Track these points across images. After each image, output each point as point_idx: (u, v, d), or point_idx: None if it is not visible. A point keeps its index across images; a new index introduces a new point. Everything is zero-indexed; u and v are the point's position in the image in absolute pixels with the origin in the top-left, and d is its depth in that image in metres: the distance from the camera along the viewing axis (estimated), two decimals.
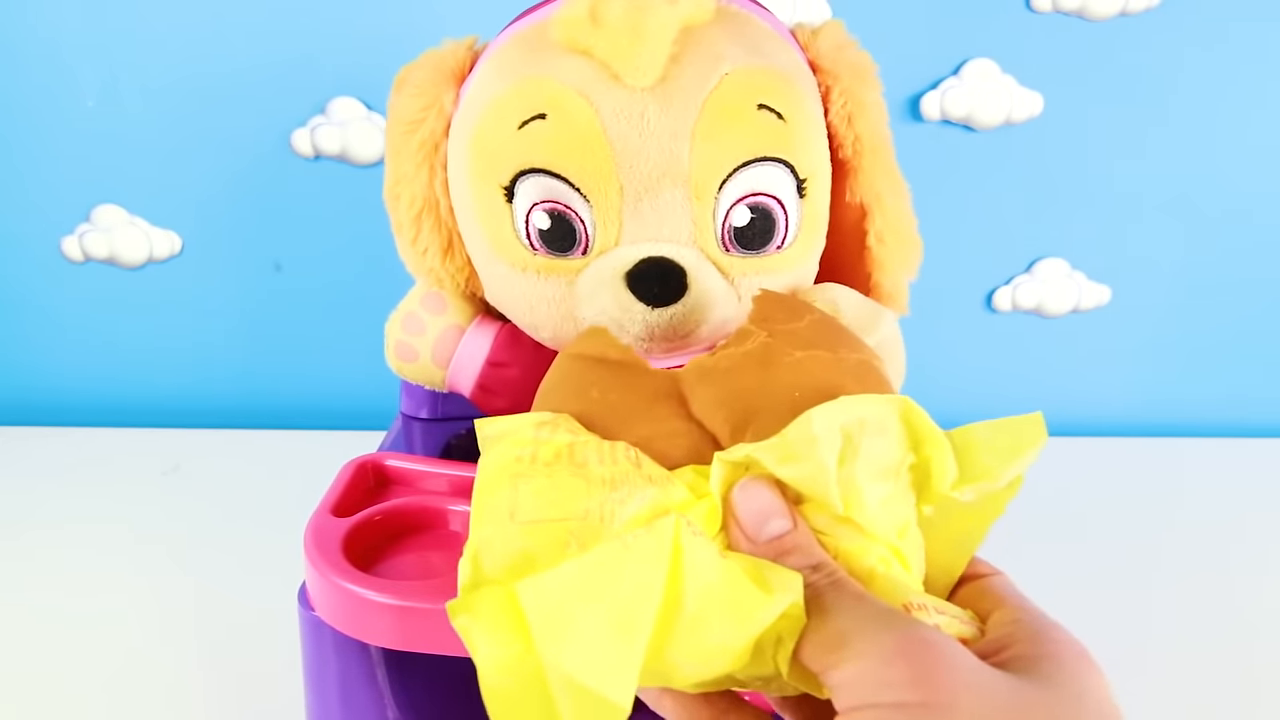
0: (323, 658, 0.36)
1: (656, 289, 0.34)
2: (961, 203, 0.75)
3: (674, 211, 0.34)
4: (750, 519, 0.25)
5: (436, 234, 0.39)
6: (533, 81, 0.34)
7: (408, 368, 0.41)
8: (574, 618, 0.22)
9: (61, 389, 0.80)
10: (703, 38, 0.34)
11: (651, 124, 0.33)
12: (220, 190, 0.74)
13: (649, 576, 0.23)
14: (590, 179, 0.34)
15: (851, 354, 0.28)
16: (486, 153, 0.35)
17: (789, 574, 0.23)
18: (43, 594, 0.56)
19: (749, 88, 0.34)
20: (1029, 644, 0.23)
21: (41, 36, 0.69)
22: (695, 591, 0.23)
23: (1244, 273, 0.77)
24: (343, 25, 0.69)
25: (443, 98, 0.38)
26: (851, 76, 0.38)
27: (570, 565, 0.23)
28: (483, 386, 0.40)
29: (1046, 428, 0.26)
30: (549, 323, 0.37)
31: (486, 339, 0.40)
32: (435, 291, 0.41)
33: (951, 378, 0.79)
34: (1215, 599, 0.57)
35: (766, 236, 0.35)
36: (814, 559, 0.24)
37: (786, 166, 0.35)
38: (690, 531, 0.24)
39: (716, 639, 0.23)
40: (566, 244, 0.35)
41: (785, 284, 0.37)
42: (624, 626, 0.22)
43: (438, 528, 0.36)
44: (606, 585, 0.23)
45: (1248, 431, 0.79)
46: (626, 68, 0.33)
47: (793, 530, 0.25)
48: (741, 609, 0.23)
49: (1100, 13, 0.69)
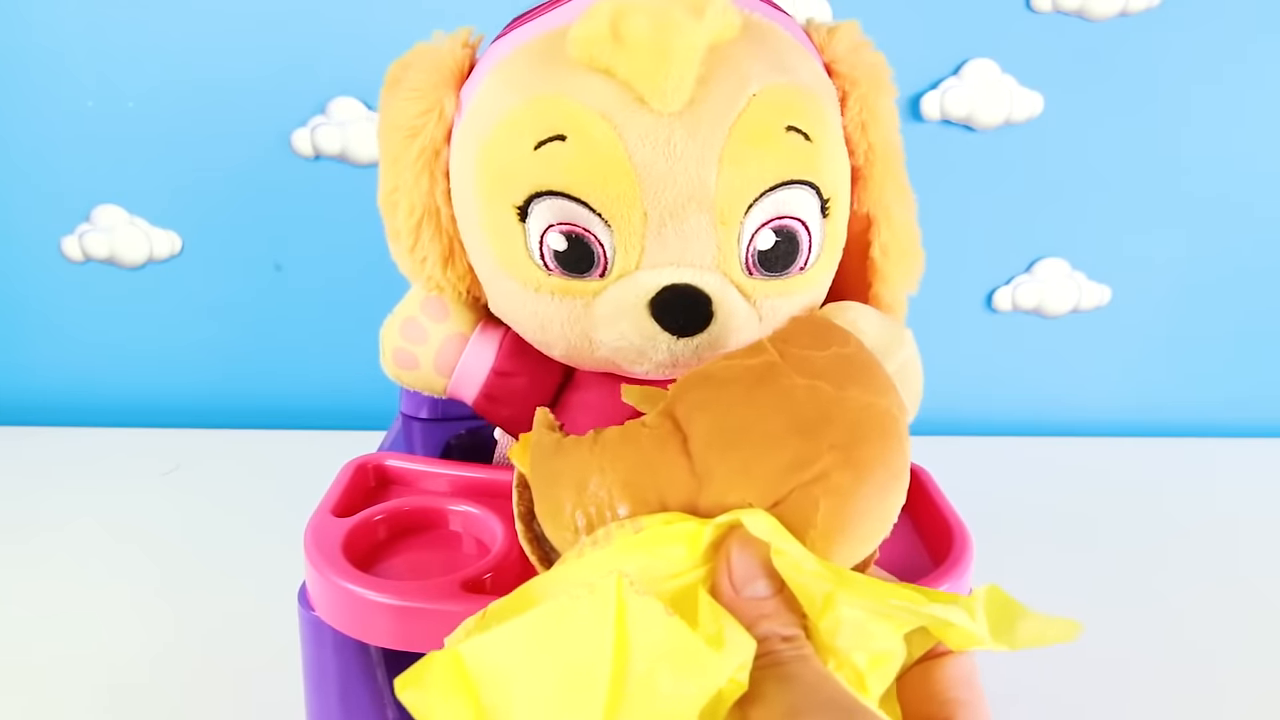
0: (322, 658, 0.36)
1: (682, 319, 0.33)
2: (962, 203, 0.75)
3: (699, 237, 0.33)
4: (742, 571, 0.25)
5: (436, 242, 0.37)
6: (550, 100, 0.33)
7: (406, 375, 0.40)
8: (524, 681, 0.22)
9: (61, 389, 0.80)
10: (729, 56, 0.33)
11: (678, 150, 0.32)
12: (220, 190, 0.74)
13: (595, 640, 0.22)
14: (613, 204, 0.32)
15: (864, 396, 0.27)
16: (498, 171, 0.34)
17: (745, 638, 0.23)
18: (42, 594, 0.56)
19: (776, 109, 0.33)
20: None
21: (41, 36, 0.69)
22: (641, 650, 0.22)
23: (1244, 273, 0.77)
24: (343, 25, 0.69)
25: (443, 102, 0.36)
26: (869, 82, 0.36)
27: (513, 624, 0.22)
28: (488, 395, 0.39)
29: (1079, 633, 0.25)
30: (562, 342, 0.36)
31: (491, 348, 0.39)
32: (436, 297, 0.39)
33: (951, 378, 0.79)
34: (1215, 599, 0.56)
35: (790, 259, 0.34)
36: (789, 630, 0.24)
37: (812, 188, 0.34)
38: (633, 591, 0.23)
39: (667, 698, 0.22)
40: (584, 266, 0.34)
41: (803, 303, 0.36)
42: (577, 691, 0.22)
43: (438, 528, 0.36)
44: (553, 643, 0.22)
45: (1248, 431, 0.80)
46: (653, 91, 0.31)
47: (777, 595, 0.25)
48: (690, 665, 0.22)
49: (1100, 13, 0.69)
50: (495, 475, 0.38)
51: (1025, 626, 0.25)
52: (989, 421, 0.80)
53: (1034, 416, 0.81)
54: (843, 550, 0.26)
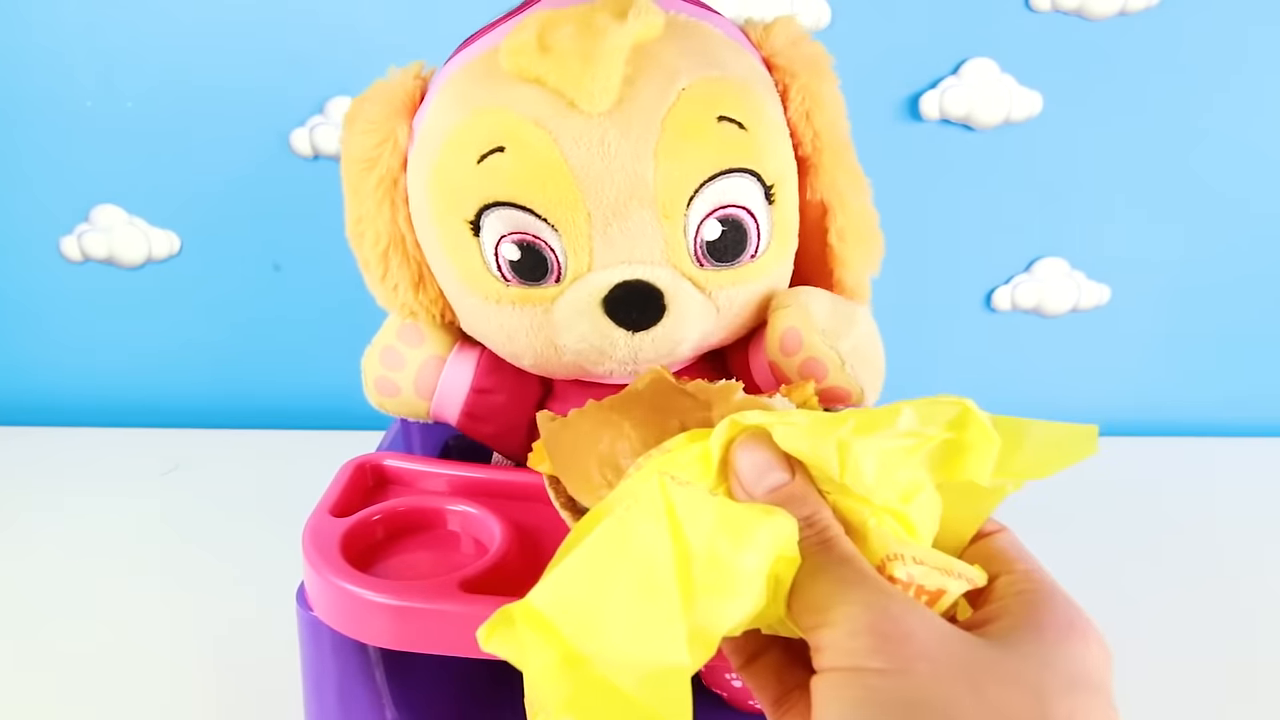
0: (321, 658, 0.36)
1: (635, 314, 0.34)
2: (961, 202, 0.75)
3: (644, 233, 0.34)
4: (749, 473, 0.26)
5: (405, 268, 0.39)
6: (488, 113, 0.34)
7: (390, 402, 0.41)
8: (598, 603, 0.22)
9: (61, 389, 0.80)
10: (655, 54, 0.34)
11: (613, 148, 0.33)
12: (219, 190, 0.74)
13: (653, 537, 0.23)
14: (556, 209, 0.33)
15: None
16: (448, 188, 0.35)
17: (784, 515, 0.24)
18: (42, 594, 0.56)
19: (707, 100, 0.34)
20: (1020, 614, 0.24)
21: (41, 36, 0.69)
22: (698, 535, 0.23)
23: (1243, 273, 0.77)
24: (341, 26, 0.69)
25: (396, 131, 0.37)
26: (808, 72, 0.37)
27: (572, 558, 0.23)
28: (469, 414, 0.40)
29: (1098, 440, 0.26)
30: (529, 351, 0.37)
31: (469, 367, 0.40)
32: (411, 323, 0.40)
33: (951, 377, 0.79)
34: (1215, 599, 0.56)
35: (739, 247, 0.35)
36: (807, 510, 0.25)
37: (753, 176, 0.35)
38: (675, 484, 0.24)
39: (732, 568, 0.23)
40: (539, 273, 0.35)
41: (761, 290, 0.37)
42: (651, 591, 0.22)
43: (436, 528, 0.36)
44: (616, 561, 0.23)
45: (1247, 431, 0.79)
46: (581, 94, 0.32)
47: (790, 482, 0.25)
48: (745, 534, 0.23)
49: (1100, 12, 0.69)
50: (493, 475, 0.38)
51: (1036, 438, 0.26)
52: None
53: (1033, 416, 0.81)
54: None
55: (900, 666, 0.21)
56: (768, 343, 0.37)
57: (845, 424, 0.25)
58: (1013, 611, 0.24)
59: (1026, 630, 0.23)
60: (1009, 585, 0.26)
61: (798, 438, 0.25)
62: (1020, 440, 0.26)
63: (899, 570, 0.24)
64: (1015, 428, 0.26)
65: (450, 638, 0.30)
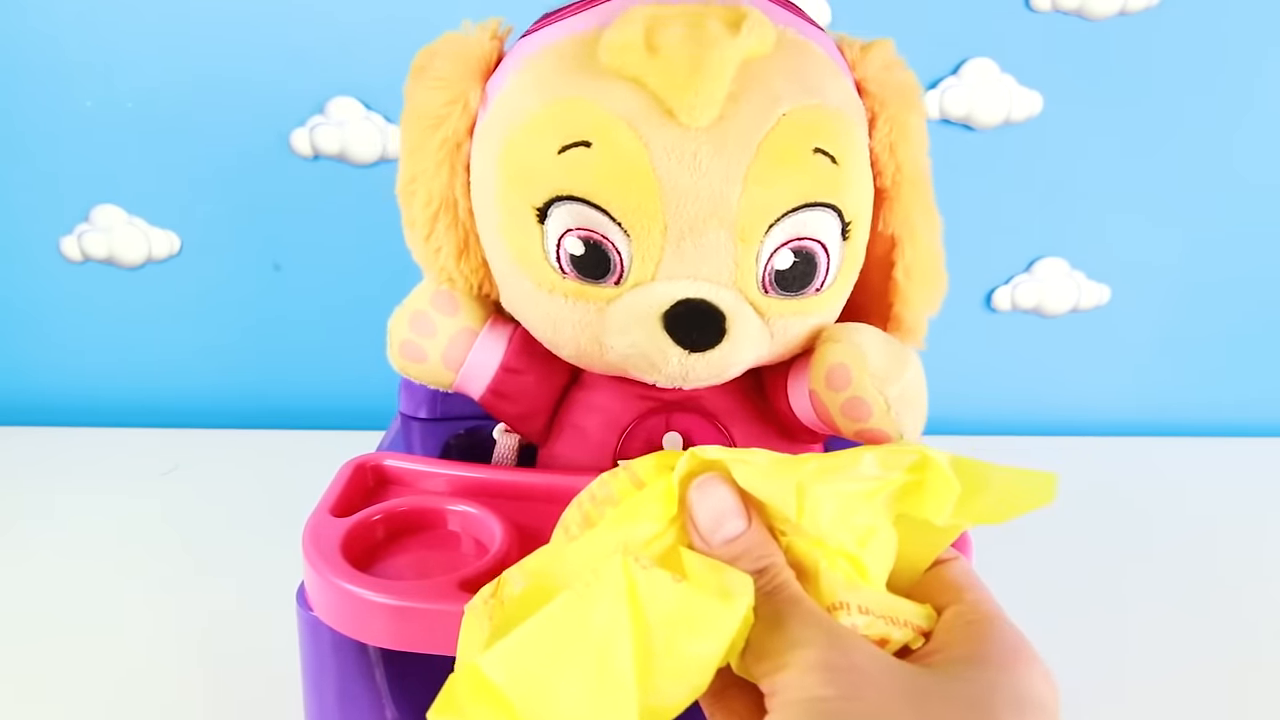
0: (321, 658, 0.36)
1: (696, 334, 0.33)
2: (961, 202, 0.74)
3: (717, 252, 0.33)
4: (706, 520, 0.26)
5: (452, 233, 0.37)
6: (576, 105, 0.32)
7: (413, 368, 0.39)
8: (552, 676, 0.22)
9: (60, 389, 0.80)
10: (760, 74, 0.33)
11: (704, 165, 0.32)
12: (219, 190, 0.74)
13: (613, 617, 0.23)
14: (633, 215, 0.32)
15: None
16: (520, 172, 0.34)
17: (742, 577, 0.24)
18: (42, 594, 0.56)
19: (805, 129, 0.33)
20: (966, 645, 0.25)
21: (41, 36, 0.69)
22: (659, 621, 0.23)
23: (1243, 273, 0.77)
24: (341, 25, 0.69)
25: (468, 93, 0.36)
26: (898, 102, 0.36)
27: (528, 626, 0.23)
28: (496, 391, 0.39)
29: (1057, 488, 0.26)
30: (571, 344, 0.36)
31: (500, 344, 0.39)
32: (446, 290, 0.38)
33: (951, 377, 0.79)
34: (1215, 599, 0.56)
35: (807, 279, 0.34)
36: (762, 562, 0.25)
37: (835, 211, 0.34)
38: (638, 567, 0.24)
39: (690, 660, 0.23)
40: (600, 272, 0.34)
41: (817, 323, 0.36)
42: (606, 669, 0.22)
43: (436, 528, 0.36)
44: (573, 636, 0.23)
45: (1248, 431, 0.79)
46: (682, 105, 0.31)
47: (746, 532, 0.26)
48: (706, 624, 0.23)
49: (1100, 12, 0.69)
50: (494, 475, 0.38)
51: (998, 484, 0.26)
52: (988, 421, 0.80)
53: (1033, 416, 0.81)
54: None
55: (849, 694, 0.23)
56: (812, 372, 0.36)
57: (806, 466, 0.26)
58: (960, 642, 0.25)
59: (972, 659, 0.24)
60: (957, 616, 0.26)
61: (757, 477, 0.25)
62: (981, 486, 0.26)
63: (844, 619, 0.25)
64: (977, 472, 0.26)
65: (450, 638, 0.30)
